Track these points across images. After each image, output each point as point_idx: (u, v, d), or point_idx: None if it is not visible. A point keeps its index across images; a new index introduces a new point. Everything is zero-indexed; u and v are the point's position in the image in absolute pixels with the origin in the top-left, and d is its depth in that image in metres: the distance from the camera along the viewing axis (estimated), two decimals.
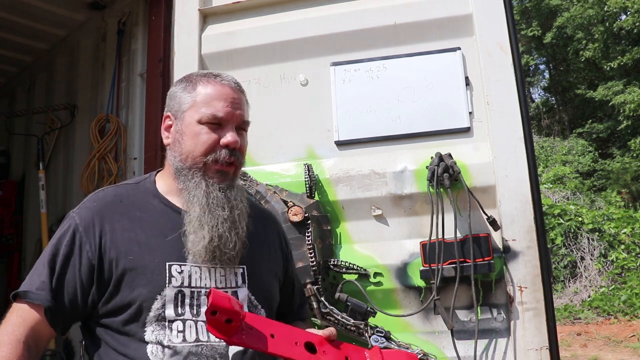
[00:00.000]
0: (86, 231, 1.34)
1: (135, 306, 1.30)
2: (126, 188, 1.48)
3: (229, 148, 1.37)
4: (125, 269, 1.32)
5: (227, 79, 1.45)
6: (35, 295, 1.29)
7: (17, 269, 4.17)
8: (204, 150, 1.37)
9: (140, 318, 1.30)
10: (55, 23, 3.61)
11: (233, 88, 1.43)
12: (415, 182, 2.14)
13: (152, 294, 1.30)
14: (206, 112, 1.38)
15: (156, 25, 2.70)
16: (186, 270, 1.34)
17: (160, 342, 1.29)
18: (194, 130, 1.39)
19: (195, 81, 1.44)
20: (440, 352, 2.05)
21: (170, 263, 1.33)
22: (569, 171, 13.94)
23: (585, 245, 9.86)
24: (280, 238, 1.64)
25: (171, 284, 1.32)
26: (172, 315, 1.31)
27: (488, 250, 2.01)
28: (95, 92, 3.46)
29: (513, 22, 2.20)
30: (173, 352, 1.28)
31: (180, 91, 1.45)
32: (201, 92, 1.41)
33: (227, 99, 1.40)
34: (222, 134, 1.38)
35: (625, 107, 16.10)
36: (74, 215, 1.39)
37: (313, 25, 2.35)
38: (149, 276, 1.31)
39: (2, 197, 4.26)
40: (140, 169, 2.84)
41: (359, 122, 2.25)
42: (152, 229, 1.37)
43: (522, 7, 21.75)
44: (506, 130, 2.10)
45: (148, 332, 1.29)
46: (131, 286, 1.31)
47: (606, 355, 6.76)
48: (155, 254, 1.34)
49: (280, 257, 1.60)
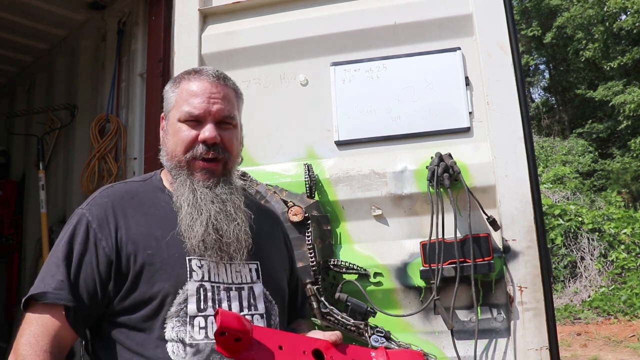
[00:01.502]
0: (100, 227, 1.31)
1: (157, 301, 1.27)
2: (135, 185, 1.46)
3: (206, 144, 1.36)
4: (144, 263, 1.29)
5: (206, 74, 1.42)
6: (54, 296, 1.24)
7: (17, 269, 4.17)
8: (183, 149, 1.37)
9: (160, 314, 1.26)
10: (55, 23, 3.60)
11: (212, 82, 1.40)
12: (415, 182, 2.14)
13: (174, 289, 1.28)
14: (184, 110, 1.37)
15: (156, 25, 2.70)
16: (205, 264, 1.32)
17: (181, 339, 1.26)
18: (174, 128, 1.39)
19: (179, 79, 1.44)
20: (440, 352, 2.05)
21: (190, 257, 1.32)
22: (569, 171, 13.94)
23: (585, 245, 9.86)
24: (284, 235, 1.65)
25: (192, 278, 1.30)
26: (195, 311, 1.28)
27: (488, 250, 2.01)
28: (95, 92, 3.46)
29: (513, 22, 2.19)
30: (195, 351, 1.25)
31: (169, 91, 1.46)
32: (182, 89, 1.41)
33: (203, 95, 1.38)
34: (201, 130, 1.37)
35: (625, 107, 16.10)
36: (83, 212, 1.35)
37: (313, 25, 2.35)
38: (170, 270, 1.29)
39: (2, 197, 4.26)
40: (140, 169, 2.83)
41: (359, 122, 2.25)
42: (167, 224, 1.35)
43: (522, 7, 21.76)
44: (506, 130, 2.10)
45: (168, 329, 1.26)
46: (151, 281, 1.28)
47: (606, 355, 6.76)
48: (174, 248, 1.32)
49: (286, 254, 1.61)
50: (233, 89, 1.46)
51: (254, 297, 1.38)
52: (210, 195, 1.35)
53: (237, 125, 1.45)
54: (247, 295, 1.36)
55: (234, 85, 1.47)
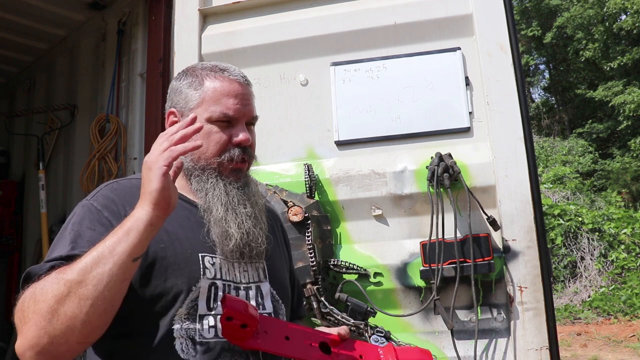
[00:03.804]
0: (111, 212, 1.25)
1: (169, 297, 1.22)
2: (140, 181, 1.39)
3: (241, 146, 1.35)
4: (157, 257, 1.23)
5: (234, 74, 1.40)
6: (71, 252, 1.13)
7: (17, 269, 4.16)
8: (217, 151, 1.34)
9: (171, 310, 1.22)
10: (55, 23, 3.61)
11: (241, 83, 1.40)
12: (415, 182, 2.14)
13: (188, 285, 1.24)
14: (216, 110, 1.34)
15: (156, 25, 2.70)
16: (217, 262, 1.30)
17: (191, 337, 1.22)
18: (204, 129, 1.33)
19: (202, 76, 1.39)
20: (440, 352, 2.05)
21: (202, 254, 1.29)
22: (569, 171, 13.94)
23: (585, 245, 9.87)
24: (284, 233, 1.64)
25: (205, 275, 1.27)
26: (205, 309, 1.25)
27: (488, 250, 2.01)
28: (95, 92, 3.46)
29: (513, 22, 2.20)
30: (206, 349, 1.22)
31: (186, 87, 1.40)
32: (209, 88, 1.37)
33: (237, 96, 1.37)
34: (234, 132, 1.35)
35: (625, 107, 16.12)
36: (90, 202, 1.28)
37: (313, 25, 2.35)
38: (184, 266, 1.25)
39: (2, 197, 4.26)
40: (140, 169, 2.83)
41: (359, 122, 2.25)
42: (176, 220, 1.30)
43: (522, 7, 21.76)
44: (506, 130, 2.10)
45: (177, 326, 1.22)
46: (164, 275, 1.23)
47: (606, 355, 6.76)
48: (186, 244, 1.28)
49: (286, 252, 1.60)
50: (252, 90, 1.46)
51: (261, 296, 1.36)
52: (243, 197, 1.35)
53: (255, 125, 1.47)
54: (255, 295, 1.35)
55: (251, 87, 1.47)
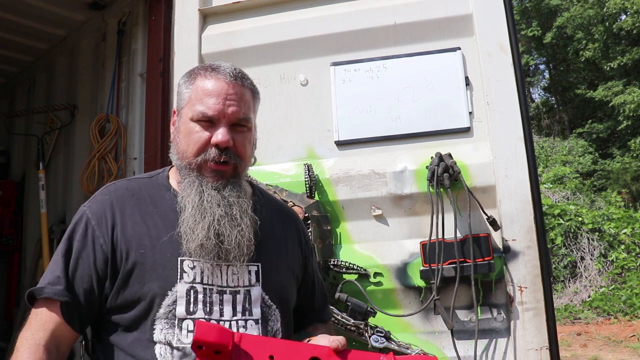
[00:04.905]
0: (99, 224, 1.31)
1: (145, 302, 1.26)
2: (139, 182, 1.44)
3: (219, 147, 1.31)
4: (136, 262, 1.28)
5: (224, 72, 1.36)
6: (50, 290, 1.25)
7: (17, 269, 4.17)
8: (195, 150, 1.32)
9: (149, 315, 1.25)
10: (55, 23, 3.61)
11: (229, 82, 1.34)
12: (415, 182, 2.14)
13: (163, 290, 1.26)
14: (197, 110, 1.32)
15: (156, 25, 2.70)
16: (198, 266, 1.29)
17: (169, 342, 1.24)
18: (187, 128, 1.34)
19: (195, 75, 1.39)
20: (440, 352, 2.04)
21: (182, 258, 1.29)
22: (569, 171, 13.95)
23: (585, 245, 9.87)
24: (300, 234, 1.58)
25: (183, 279, 1.27)
26: (183, 314, 1.26)
27: (488, 250, 2.01)
28: (95, 92, 3.47)
29: (513, 22, 2.19)
30: (182, 354, 1.24)
31: (182, 86, 1.41)
32: (197, 87, 1.35)
33: (219, 95, 1.32)
34: (214, 132, 1.32)
35: (625, 107, 16.12)
36: (85, 209, 1.36)
37: (313, 25, 2.35)
38: (160, 271, 1.27)
39: (2, 197, 4.26)
40: (140, 169, 2.83)
41: (359, 122, 2.25)
42: (164, 224, 1.33)
43: (522, 7, 21.77)
44: (506, 130, 2.10)
45: (157, 331, 1.25)
46: (141, 281, 1.27)
47: (606, 355, 6.76)
48: (167, 248, 1.29)
49: (299, 254, 1.54)
50: (250, 89, 1.40)
51: (249, 301, 1.34)
52: (218, 197, 1.32)
53: (251, 128, 1.40)
54: (242, 299, 1.33)
55: (251, 85, 1.41)
